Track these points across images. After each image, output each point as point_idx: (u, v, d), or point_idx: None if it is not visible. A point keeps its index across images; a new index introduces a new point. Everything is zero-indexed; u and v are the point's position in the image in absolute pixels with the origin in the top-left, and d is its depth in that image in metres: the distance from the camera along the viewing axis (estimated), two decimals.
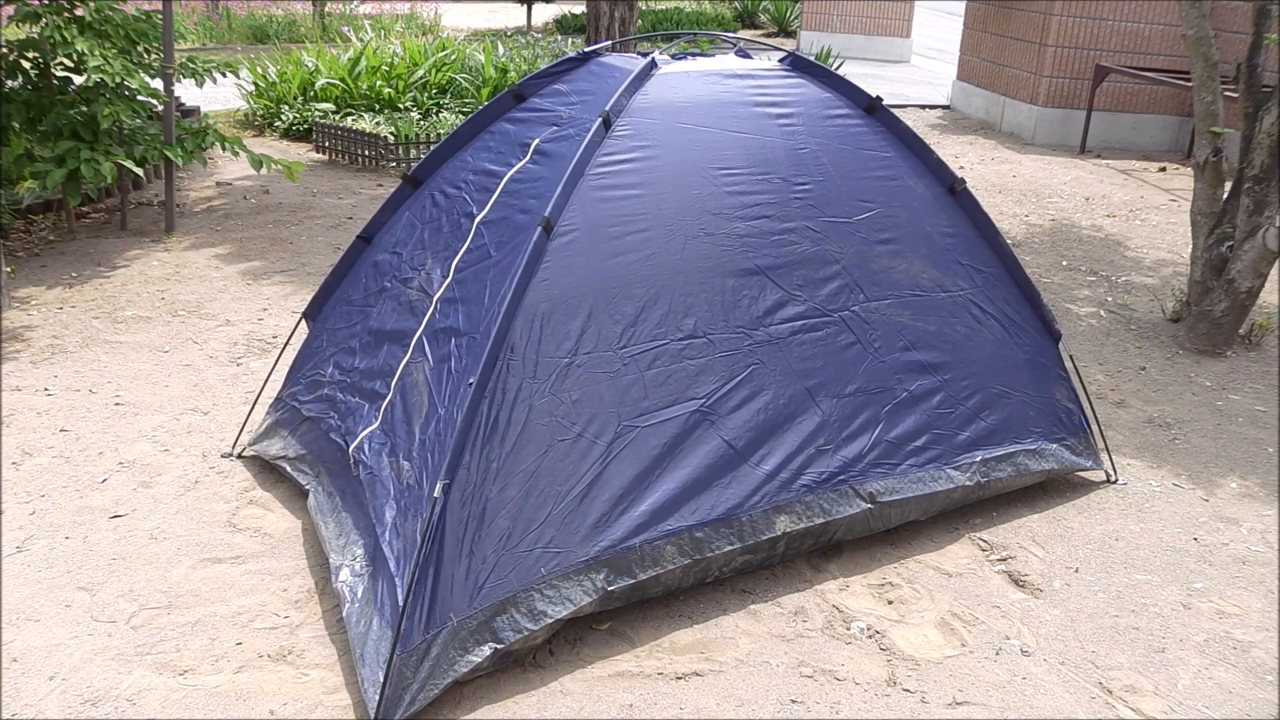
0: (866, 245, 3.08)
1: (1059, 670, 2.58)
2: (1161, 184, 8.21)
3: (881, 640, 2.65)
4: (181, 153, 5.71)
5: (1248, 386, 4.41)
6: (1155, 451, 3.78)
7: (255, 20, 14.59)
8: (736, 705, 2.40)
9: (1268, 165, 4.48)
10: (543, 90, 3.16)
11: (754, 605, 2.76)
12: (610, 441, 2.56)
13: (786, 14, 17.30)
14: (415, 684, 2.23)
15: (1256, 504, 3.44)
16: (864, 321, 3.01)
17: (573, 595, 2.44)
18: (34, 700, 2.33)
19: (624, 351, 2.64)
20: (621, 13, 7.38)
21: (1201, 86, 4.82)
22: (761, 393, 2.79)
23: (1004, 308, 3.29)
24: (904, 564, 2.99)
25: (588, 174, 2.72)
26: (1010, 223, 6.88)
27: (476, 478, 2.40)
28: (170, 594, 2.73)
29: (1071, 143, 9.34)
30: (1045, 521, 3.26)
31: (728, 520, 2.66)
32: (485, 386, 2.45)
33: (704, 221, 2.84)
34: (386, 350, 2.92)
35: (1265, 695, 2.53)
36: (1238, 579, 3.01)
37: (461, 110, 8.80)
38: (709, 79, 3.09)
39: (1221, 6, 8.46)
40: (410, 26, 14.01)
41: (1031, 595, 2.88)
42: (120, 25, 5.49)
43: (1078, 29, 9.13)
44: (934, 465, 3.01)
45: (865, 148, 3.18)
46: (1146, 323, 5.14)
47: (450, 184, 3.13)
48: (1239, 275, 4.57)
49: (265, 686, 2.40)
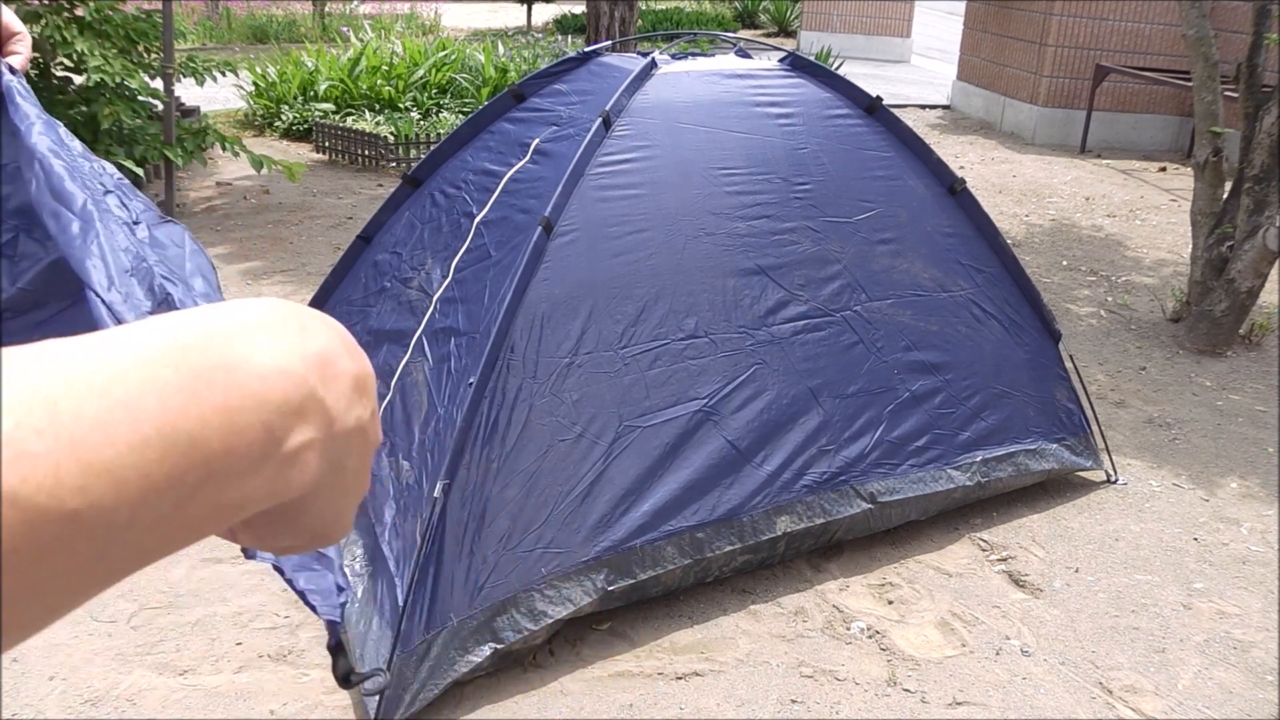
0: (867, 245, 3.08)
1: (1059, 670, 2.57)
2: (1161, 184, 8.21)
3: (881, 640, 2.65)
4: (181, 153, 5.71)
5: (1248, 386, 4.41)
6: (1155, 451, 3.78)
7: (255, 20, 14.58)
8: (736, 705, 2.40)
9: (1268, 165, 4.47)
10: (543, 90, 3.16)
11: (754, 605, 2.76)
12: (611, 442, 2.56)
13: (786, 14, 17.29)
14: (415, 684, 2.23)
15: (1256, 504, 3.44)
16: (866, 321, 3.01)
17: (573, 595, 2.44)
18: (34, 700, 2.32)
19: (625, 351, 2.64)
20: (621, 13, 7.37)
21: (1201, 86, 4.82)
22: (764, 393, 2.79)
23: (1004, 308, 3.29)
24: (904, 564, 2.99)
25: (588, 174, 2.72)
26: (1010, 223, 6.88)
27: (476, 478, 2.40)
28: (170, 594, 2.72)
29: (1071, 143, 9.34)
30: (1045, 521, 3.25)
31: (729, 520, 2.66)
32: (485, 386, 2.45)
33: (704, 221, 2.84)
34: (386, 350, 2.92)
35: (1265, 695, 2.53)
36: (1238, 579, 3.01)
37: (461, 110, 8.79)
38: (709, 79, 3.09)
39: (1221, 6, 8.46)
40: (410, 26, 14.01)
41: (1031, 595, 2.88)
42: (120, 25, 5.49)
43: (1078, 29, 9.12)
44: (934, 465, 3.01)
45: (865, 148, 3.18)
46: (1146, 323, 5.14)
47: (450, 184, 3.13)
48: (1239, 275, 4.57)
49: (265, 686, 2.40)
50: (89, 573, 0.31)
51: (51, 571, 0.30)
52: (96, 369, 0.32)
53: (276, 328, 0.37)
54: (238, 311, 0.37)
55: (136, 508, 0.31)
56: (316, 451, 0.38)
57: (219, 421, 0.33)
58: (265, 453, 0.35)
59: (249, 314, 0.37)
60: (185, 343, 0.34)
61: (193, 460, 0.33)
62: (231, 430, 0.34)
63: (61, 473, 0.29)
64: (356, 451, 0.41)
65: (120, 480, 0.31)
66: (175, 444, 0.32)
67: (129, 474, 0.31)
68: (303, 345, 0.38)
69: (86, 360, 0.32)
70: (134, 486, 0.31)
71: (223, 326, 0.36)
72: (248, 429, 0.34)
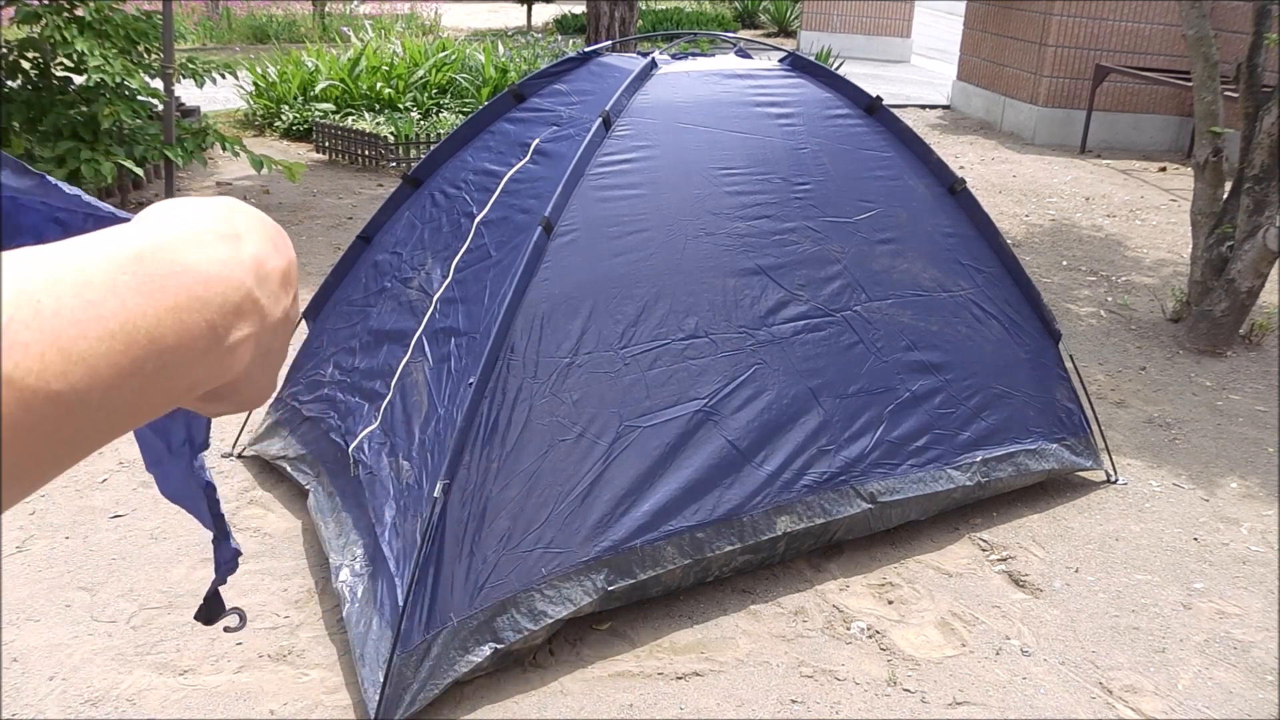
0: (867, 245, 3.08)
1: (1059, 670, 2.57)
2: (1161, 184, 8.21)
3: (881, 640, 2.65)
4: (181, 153, 5.71)
5: (1248, 386, 4.41)
6: (1155, 451, 3.78)
7: (255, 20, 14.58)
8: (736, 705, 2.40)
9: (1268, 165, 4.48)
10: (543, 90, 3.16)
11: (754, 605, 2.76)
12: (611, 442, 2.56)
13: (786, 14, 17.30)
14: (415, 684, 2.23)
15: (1256, 504, 3.44)
16: (866, 321, 3.01)
17: (573, 595, 2.44)
18: (34, 700, 2.33)
19: (625, 351, 2.64)
20: (621, 13, 7.37)
21: (1201, 86, 4.82)
22: (765, 393, 2.79)
23: (1004, 308, 3.29)
24: (904, 564, 2.99)
25: (588, 174, 2.72)
26: (1010, 223, 6.88)
27: (476, 478, 2.40)
28: (170, 594, 2.72)
29: (1071, 143, 9.34)
30: (1045, 521, 3.25)
31: (729, 520, 2.66)
32: (485, 386, 2.45)
33: (704, 221, 2.84)
34: (386, 350, 2.92)
35: (1265, 695, 2.53)
36: (1238, 579, 3.01)
37: (461, 110, 8.79)
38: (709, 79, 3.09)
39: (1221, 6, 8.46)
40: (410, 26, 14.01)
41: (1031, 595, 2.88)
42: (120, 25, 5.49)
43: (1078, 29, 9.12)
44: (935, 465, 3.01)
45: (865, 148, 3.18)
46: (1146, 323, 5.14)
47: (450, 184, 3.13)
48: (1239, 275, 4.57)
49: (265, 686, 2.40)
50: (70, 444, 0.37)
51: (40, 444, 0.36)
52: (69, 273, 0.37)
53: (219, 236, 0.44)
54: (187, 221, 0.44)
55: (107, 390, 0.37)
56: (251, 343, 0.45)
57: (171, 320, 0.40)
58: (209, 346, 0.42)
59: (196, 223, 0.44)
60: (141, 252, 0.40)
61: (150, 352, 0.39)
62: (181, 327, 0.40)
63: (46, 360, 0.35)
64: (282, 335, 0.48)
65: (93, 367, 0.37)
66: (135, 338, 0.38)
67: (99, 362, 0.37)
68: (241, 251, 0.44)
69: (62, 265, 0.37)
70: (104, 373, 0.37)
71: (174, 236, 0.42)
72: (195, 326, 0.41)
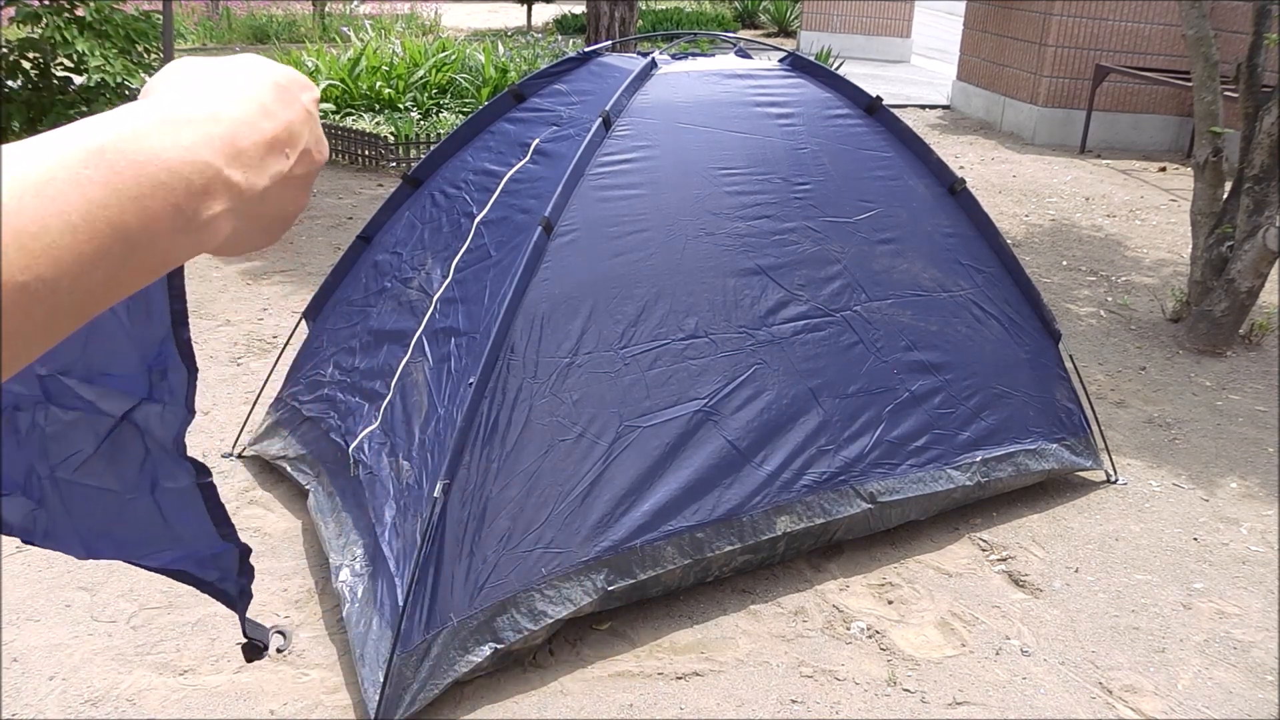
0: (867, 245, 3.08)
1: (1059, 670, 2.57)
2: (1161, 184, 8.21)
3: (881, 640, 2.65)
4: None
5: (1248, 386, 4.41)
6: (1155, 451, 3.78)
7: (255, 20, 14.59)
8: (736, 705, 2.40)
9: (1268, 165, 4.48)
10: (543, 90, 3.15)
11: (754, 605, 2.76)
12: (611, 442, 2.56)
13: (786, 14, 17.29)
14: (415, 684, 2.23)
15: (1256, 504, 3.44)
16: (866, 321, 3.01)
17: (573, 595, 2.44)
18: (34, 700, 2.33)
19: (625, 351, 2.64)
20: (621, 13, 7.37)
21: (1201, 86, 4.82)
22: (764, 393, 2.79)
23: (1004, 308, 3.29)
24: (904, 564, 2.99)
25: (588, 174, 2.72)
26: (1010, 223, 6.88)
27: (476, 478, 2.40)
28: (170, 594, 2.72)
29: (1071, 143, 9.34)
30: (1045, 521, 3.25)
31: (729, 520, 2.66)
32: (485, 386, 2.45)
33: (704, 221, 2.84)
34: (386, 350, 2.92)
35: (1265, 695, 2.53)
36: (1238, 579, 3.01)
37: (461, 110, 8.79)
38: (709, 79, 3.09)
39: (1221, 6, 8.46)
40: (410, 26, 14.01)
41: (1031, 595, 2.88)
42: (120, 25, 5.50)
43: (1078, 29, 9.12)
44: (934, 465, 3.01)
45: (865, 148, 3.18)
46: (1146, 323, 5.14)
47: (450, 184, 3.13)
48: (1239, 275, 4.57)
49: (265, 686, 2.40)
50: (48, 325, 0.41)
51: (14, 328, 0.39)
52: (30, 172, 0.40)
53: (188, 119, 0.46)
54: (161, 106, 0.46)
55: (76, 277, 0.41)
56: (227, 217, 0.48)
57: (134, 208, 0.43)
58: (177, 226, 0.45)
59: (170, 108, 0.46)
60: (104, 145, 0.42)
61: (115, 239, 0.42)
62: (146, 214, 0.43)
63: (11, 256, 0.38)
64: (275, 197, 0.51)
65: (56, 258, 0.40)
66: (98, 228, 0.41)
67: (63, 254, 0.40)
68: (209, 131, 0.46)
69: (23, 165, 0.40)
70: (68, 262, 0.40)
71: (139, 127, 0.44)
72: (160, 211, 0.44)
